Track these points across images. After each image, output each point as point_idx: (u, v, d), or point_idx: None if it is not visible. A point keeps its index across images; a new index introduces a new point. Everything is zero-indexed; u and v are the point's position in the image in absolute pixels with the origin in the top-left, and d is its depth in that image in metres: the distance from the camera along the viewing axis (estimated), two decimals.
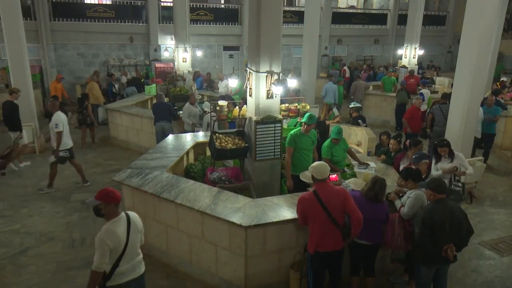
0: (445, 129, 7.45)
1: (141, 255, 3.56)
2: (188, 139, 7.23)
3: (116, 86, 13.34)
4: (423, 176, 4.81)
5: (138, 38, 16.91)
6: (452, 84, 7.92)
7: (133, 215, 3.53)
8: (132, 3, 16.72)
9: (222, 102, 5.98)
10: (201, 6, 17.75)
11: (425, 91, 11.12)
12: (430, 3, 23.98)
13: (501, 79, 13.53)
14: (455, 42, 8.71)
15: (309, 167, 4.15)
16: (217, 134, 6.07)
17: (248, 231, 4.23)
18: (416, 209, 4.22)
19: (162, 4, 17.19)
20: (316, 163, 4.16)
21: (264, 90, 5.59)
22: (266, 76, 5.50)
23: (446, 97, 8.85)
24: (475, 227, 5.49)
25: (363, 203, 4.17)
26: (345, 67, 17.91)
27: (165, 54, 14.83)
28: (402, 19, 18.97)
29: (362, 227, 4.15)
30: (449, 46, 23.24)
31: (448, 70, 19.90)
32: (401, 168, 5.67)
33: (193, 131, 8.29)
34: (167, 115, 8.74)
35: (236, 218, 4.30)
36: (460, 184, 5.54)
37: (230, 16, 18.46)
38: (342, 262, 4.21)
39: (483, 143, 8.86)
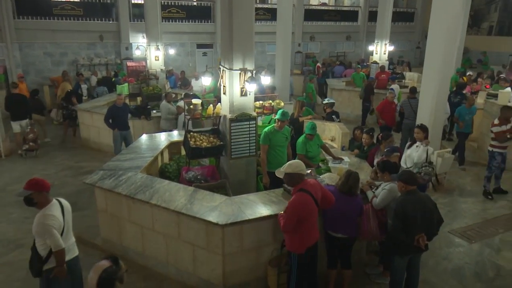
0: (415, 122, 7.66)
1: (74, 239, 3.86)
2: (163, 138, 7.14)
3: (85, 87, 12.94)
4: None
5: (109, 36, 16.52)
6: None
7: (63, 200, 3.77)
8: (102, 1, 16.31)
9: (196, 101, 5.94)
10: (173, 4, 17.51)
11: (395, 86, 11.39)
12: (399, 0, 24.55)
13: (467, 73, 13.99)
14: (423, 38, 9.01)
15: (286, 166, 4.11)
16: (191, 133, 6.01)
17: (225, 229, 4.22)
18: (389, 200, 4.33)
19: (132, 1, 16.85)
20: (292, 161, 4.17)
21: (238, 88, 5.58)
22: (240, 73, 5.49)
23: (414, 91, 9.10)
24: (445, 217, 5.68)
25: (338, 197, 4.25)
26: (319, 64, 18.11)
27: (137, 53, 14.58)
28: (373, 16, 19.31)
29: (338, 220, 4.24)
30: (417, 42, 23.87)
31: (417, 65, 20.42)
32: (375, 162, 5.80)
33: (170, 130, 8.19)
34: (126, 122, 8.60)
35: (212, 217, 4.29)
36: (432, 166, 5.77)
37: (202, 13, 18.30)
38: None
39: (458, 141, 8.93)
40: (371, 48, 16.23)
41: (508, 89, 10.10)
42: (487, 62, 19.73)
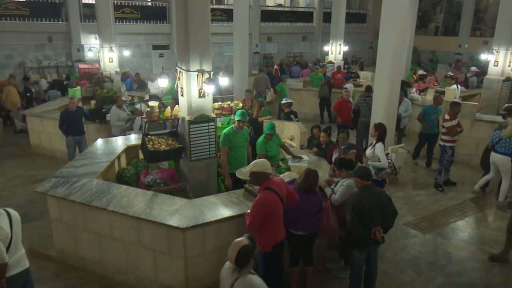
0: (370, 119, 7.95)
1: (24, 250, 3.67)
2: (119, 142, 6.92)
3: (34, 90, 12.30)
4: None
5: (58, 38, 15.78)
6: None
7: (10, 210, 3.60)
8: (50, 0, 15.55)
9: (152, 103, 5.82)
10: (126, 4, 17.03)
11: (349, 86, 11.72)
12: (351, 1, 25.36)
13: (418, 72, 14.66)
14: (376, 38, 9.37)
15: (251, 166, 4.11)
16: (149, 136, 5.88)
17: (186, 233, 4.17)
18: (346, 196, 4.45)
19: (83, 1, 16.20)
20: (257, 160, 4.19)
21: (195, 89, 5.52)
22: (197, 75, 5.44)
23: (370, 89, 9.43)
24: (400, 209, 5.96)
25: (299, 194, 4.30)
26: (276, 66, 18.18)
27: (89, 55, 14.04)
28: (327, 17, 19.83)
29: (298, 218, 4.30)
30: (370, 42, 24.79)
31: (371, 64, 21.21)
32: (333, 159, 5.95)
33: (124, 135, 7.94)
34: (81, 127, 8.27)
35: (173, 221, 4.21)
36: (391, 161, 6.02)
37: (158, 14, 17.95)
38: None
39: (428, 144, 8.65)
40: (326, 48, 16.65)
41: (454, 86, 10.72)
42: (437, 61, 20.83)
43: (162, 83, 6.90)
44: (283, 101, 9.27)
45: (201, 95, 5.55)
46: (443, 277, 5.04)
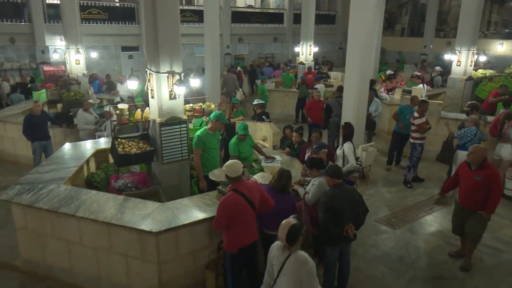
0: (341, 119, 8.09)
1: None
2: (88, 146, 6.73)
3: None
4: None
5: (21, 39, 15.20)
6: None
7: None
8: (11, 0, 14.94)
9: (122, 106, 5.70)
10: (93, 4, 16.60)
11: (320, 86, 11.91)
12: (321, 3, 25.75)
13: (387, 72, 15.04)
14: (345, 39, 9.57)
15: (223, 167, 4.13)
16: (119, 139, 5.75)
17: (159, 236, 4.10)
18: (319, 195, 4.50)
19: (47, 1, 15.67)
20: (228, 162, 4.18)
21: (166, 91, 5.46)
22: (167, 76, 5.38)
23: (341, 90, 9.59)
24: (371, 206, 6.09)
25: (272, 195, 4.33)
26: (239, 68, 17.95)
27: (55, 56, 13.55)
28: (297, 18, 20.05)
29: (273, 219, 4.31)
30: (340, 42, 25.24)
31: (341, 65, 21.62)
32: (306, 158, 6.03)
33: (92, 138, 7.73)
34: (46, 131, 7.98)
35: (145, 225, 4.14)
36: (360, 162, 6.14)
37: (126, 15, 17.60)
38: (257, 254, 4.33)
39: (400, 144, 8.71)
40: (297, 49, 16.81)
41: (421, 85, 11.07)
42: (404, 61, 21.45)
43: (132, 85, 6.77)
44: (255, 102, 9.30)
45: (172, 97, 5.48)
46: (413, 271, 5.19)
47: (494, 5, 21.32)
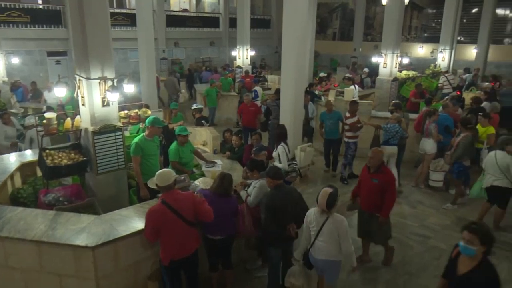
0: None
1: None
2: (12, 160, 6.20)
3: None
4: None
5: None
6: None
7: None
8: None
9: (49, 115, 5.33)
10: (12, 6, 15.38)
11: (258, 88, 12.11)
12: (256, 7, 26.19)
13: (320, 74, 15.65)
14: (280, 43, 9.79)
15: (155, 178, 4.01)
16: (47, 151, 5.38)
17: (95, 251, 3.88)
18: (261, 197, 4.56)
19: None
20: (159, 171, 4.08)
21: (98, 98, 5.22)
22: (99, 82, 5.14)
23: (279, 92, 9.80)
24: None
25: (214, 199, 4.31)
26: (157, 75, 17.60)
27: None
28: (233, 22, 20.19)
29: (216, 222, 4.29)
30: (275, 46, 25.84)
31: (278, 68, 22.10)
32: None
33: (16, 151, 7.14)
34: None
35: (80, 240, 3.90)
36: (295, 162, 6.29)
37: (51, 17, 16.53)
38: (198, 261, 4.26)
39: (332, 151, 8.69)
40: (234, 53, 16.92)
41: (352, 86, 11.68)
42: (338, 64, 22.48)
43: (59, 92, 6.33)
44: (193, 107, 9.20)
45: (105, 104, 5.26)
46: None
47: (414, 11, 23.16)
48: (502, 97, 11.34)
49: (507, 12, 19.90)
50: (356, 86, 12.23)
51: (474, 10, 20.40)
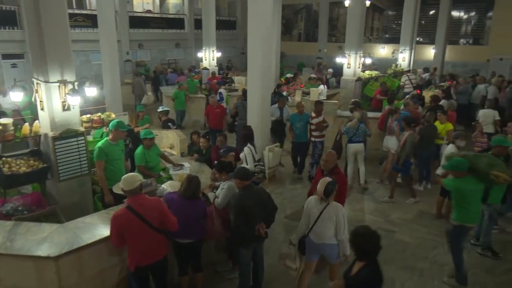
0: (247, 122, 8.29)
1: None
2: None
3: None
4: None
5: None
6: None
7: None
8: None
9: (4, 120, 5.09)
10: None
11: (222, 91, 12.07)
12: (221, 9, 26.14)
13: (286, 75, 15.81)
14: (246, 44, 9.78)
15: (121, 182, 3.92)
16: (4, 158, 5.13)
17: (59, 261, 3.74)
18: (229, 198, 4.55)
19: None
20: (125, 175, 4.00)
21: (58, 102, 5.03)
22: (59, 86, 4.96)
23: (246, 93, 9.82)
24: (280, 204, 6.35)
25: (183, 203, 4.26)
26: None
27: None
28: (198, 24, 20.05)
29: (185, 226, 4.23)
30: (242, 48, 25.88)
31: (245, 69, 22.13)
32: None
33: None
34: None
35: (42, 250, 3.75)
36: (262, 163, 6.33)
37: (6, 19, 15.71)
38: (167, 267, 4.19)
39: (299, 153, 8.53)
40: (200, 54, 16.81)
41: (321, 86, 11.89)
42: (304, 65, 22.77)
43: (15, 96, 6.03)
44: (159, 109, 9.06)
45: (66, 108, 5.08)
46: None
47: (375, 13, 23.87)
48: (458, 95, 11.92)
49: (462, 14, 20.90)
50: (325, 86, 12.50)
51: (431, 12, 21.25)
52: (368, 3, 13.01)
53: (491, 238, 5.67)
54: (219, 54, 16.85)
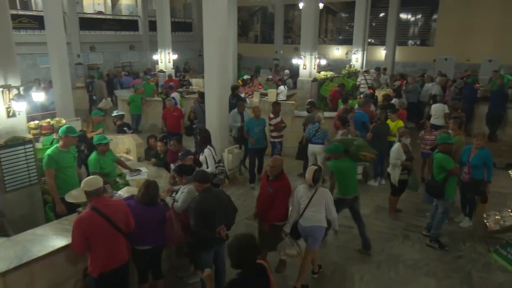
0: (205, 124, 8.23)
1: None
2: None
3: None
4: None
5: None
6: None
7: None
8: None
9: None
10: None
11: (175, 94, 11.86)
12: (176, 10, 25.79)
13: (244, 76, 15.89)
14: (203, 46, 9.70)
15: (82, 184, 3.81)
16: None
17: (6, 277, 3.51)
18: (189, 202, 4.50)
19: None
20: (85, 178, 3.89)
21: (2, 108, 4.75)
22: (2, 91, 4.69)
23: (203, 95, 9.72)
24: (241, 206, 6.36)
25: (141, 209, 4.15)
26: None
27: None
28: (153, 26, 19.64)
29: (143, 232, 4.14)
30: (199, 50, 25.66)
31: (202, 71, 21.93)
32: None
33: None
34: None
35: None
36: (222, 164, 6.35)
37: None
38: (129, 274, 4.08)
39: (257, 159, 8.21)
40: (155, 57, 16.49)
41: (282, 87, 12.03)
42: (261, 67, 22.96)
43: None
44: (114, 114, 8.78)
45: (11, 114, 4.81)
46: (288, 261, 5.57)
47: (329, 15, 24.55)
48: (408, 93, 12.50)
49: (409, 16, 21.99)
50: (285, 86, 12.71)
51: (381, 15, 22.17)
52: (321, 5, 13.33)
53: (441, 231, 5.99)
54: (175, 57, 16.61)
